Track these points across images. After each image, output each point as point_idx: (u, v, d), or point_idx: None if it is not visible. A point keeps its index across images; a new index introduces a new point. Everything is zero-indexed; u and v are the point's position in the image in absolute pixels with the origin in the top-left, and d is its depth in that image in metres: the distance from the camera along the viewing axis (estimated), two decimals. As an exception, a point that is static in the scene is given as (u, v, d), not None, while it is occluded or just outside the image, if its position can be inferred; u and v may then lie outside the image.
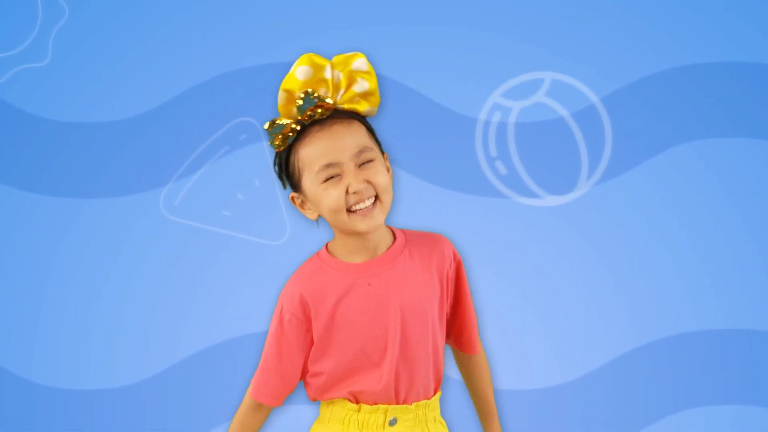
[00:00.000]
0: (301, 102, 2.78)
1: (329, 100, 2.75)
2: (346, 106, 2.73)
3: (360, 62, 2.74)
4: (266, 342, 2.85)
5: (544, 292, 3.76)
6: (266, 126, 2.79)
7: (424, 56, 3.74)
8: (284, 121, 2.77)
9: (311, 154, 2.73)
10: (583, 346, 3.80)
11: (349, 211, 2.68)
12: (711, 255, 3.74)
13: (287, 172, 2.79)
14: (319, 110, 2.73)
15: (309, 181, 2.72)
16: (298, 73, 2.74)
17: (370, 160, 2.74)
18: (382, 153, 2.82)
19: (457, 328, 2.87)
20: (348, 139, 2.72)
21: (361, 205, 2.69)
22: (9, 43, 3.73)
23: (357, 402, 2.81)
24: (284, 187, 2.83)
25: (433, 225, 2.91)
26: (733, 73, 3.71)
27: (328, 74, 2.76)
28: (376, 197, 2.68)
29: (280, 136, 2.78)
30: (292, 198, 2.82)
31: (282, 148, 2.79)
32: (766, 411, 3.65)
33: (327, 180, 2.74)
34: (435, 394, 2.81)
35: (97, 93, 3.75)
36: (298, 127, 2.76)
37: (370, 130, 2.79)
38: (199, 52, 3.77)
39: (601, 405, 3.69)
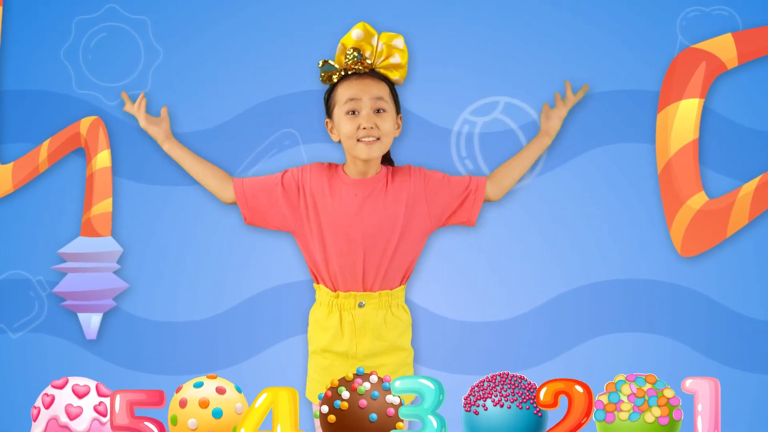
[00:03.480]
0: (349, 55, 2.89)
1: (369, 62, 2.86)
2: (381, 71, 2.89)
3: (398, 41, 2.90)
4: (266, 176, 3.11)
5: (498, 248, 3.94)
6: (319, 64, 2.86)
7: (421, 88, 3.70)
8: (334, 65, 2.88)
9: (343, 92, 2.90)
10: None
11: (357, 140, 2.88)
12: (617, 219, 3.92)
13: (327, 103, 2.95)
14: (360, 66, 2.90)
15: (337, 111, 2.92)
16: (354, 33, 2.87)
17: (384, 110, 2.88)
18: (398, 114, 2.93)
19: (461, 209, 3.20)
20: (372, 87, 2.87)
21: (366, 139, 2.87)
22: (121, 76, 3.97)
23: (335, 290, 2.98)
24: (327, 115, 2.96)
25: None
26: (624, 98, 3.88)
27: (374, 42, 2.86)
28: (378, 138, 2.87)
29: (325, 75, 2.90)
30: (326, 123, 2.98)
31: (326, 83, 2.91)
32: (658, 337, 3.90)
33: (348, 113, 2.88)
34: (399, 286, 2.98)
35: (185, 111, 3.92)
36: (342, 74, 2.90)
37: (393, 93, 2.92)
38: (255, 83, 3.90)
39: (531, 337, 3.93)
